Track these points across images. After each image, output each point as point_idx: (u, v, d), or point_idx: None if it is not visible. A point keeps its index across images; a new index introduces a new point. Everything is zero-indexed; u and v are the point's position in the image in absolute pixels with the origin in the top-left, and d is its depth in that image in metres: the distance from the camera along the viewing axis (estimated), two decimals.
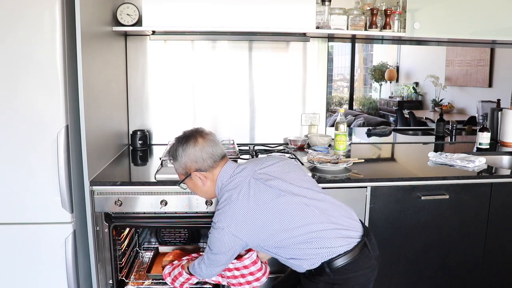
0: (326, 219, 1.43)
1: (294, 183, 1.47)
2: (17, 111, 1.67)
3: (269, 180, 1.45)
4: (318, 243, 1.40)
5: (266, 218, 1.39)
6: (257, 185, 1.43)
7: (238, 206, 1.40)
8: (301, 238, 1.40)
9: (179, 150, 1.51)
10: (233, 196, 1.41)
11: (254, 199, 1.40)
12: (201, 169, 1.50)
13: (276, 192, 1.42)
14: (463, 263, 2.07)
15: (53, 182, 1.72)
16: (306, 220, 1.41)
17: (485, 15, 2.25)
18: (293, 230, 1.40)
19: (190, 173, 1.52)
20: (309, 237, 1.40)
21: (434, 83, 5.51)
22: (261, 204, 1.40)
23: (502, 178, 2.06)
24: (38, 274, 1.79)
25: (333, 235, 1.42)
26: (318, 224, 1.41)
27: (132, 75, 2.51)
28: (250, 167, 1.50)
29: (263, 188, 1.43)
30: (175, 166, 1.55)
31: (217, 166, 1.51)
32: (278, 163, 1.53)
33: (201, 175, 1.51)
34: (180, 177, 1.56)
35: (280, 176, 1.47)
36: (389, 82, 7.09)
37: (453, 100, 5.53)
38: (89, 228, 1.83)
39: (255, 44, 2.53)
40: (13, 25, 1.62)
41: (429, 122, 4.90)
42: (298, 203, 1.42)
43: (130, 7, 2.17)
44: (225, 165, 1.52)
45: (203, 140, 1.50)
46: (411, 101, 6.56)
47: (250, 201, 1.40)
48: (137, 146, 2.45)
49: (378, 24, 2.24)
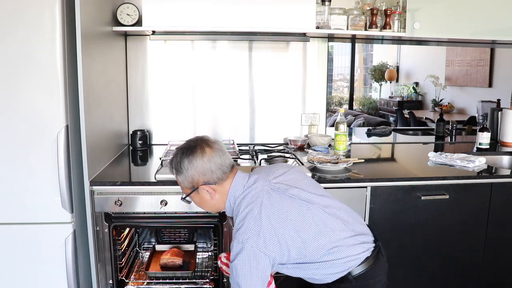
0: (345, 226, 1.39)
1: (310, 191, 1.41)
2: (17, 111, 1.67)
3: (288, 190, 1.38)
4: (342, 253, 1.35)
5: (294, 230, 1.32)
6: (278, 196, 1.36)
7: (263, 220, 1.30)
8: (327, 248, 1.34)
9: (184, 162, 1.38)
10: (254, 210, 1.31)
11: (278, 211, 1.32)
12: (210, 181, 1.38)
13: (297, 202, 1.36)
14: (463, 263, 2.07)
15: (53, 182, 1.72)
16: (329, 228, 1.36)
17: (485, 15, 2.25)
18: (319, 239, 1.34)
19: (198, 187, 1.40)
20: (334, 246, 1.35)
21: (434, 83, 5.51)
22: (286, 215, 1.33)
23: (502, 178, 2.06)
24: (38, 274, 1.79)
25: (353, 242, 1.38)
26: (340, 232, 1.37)
27: (132, 75, 2.51)
28: (263, 177, 1.42)
29: (284, 199, 1.36)
30: (179, 179, 1.42)
31: (227, 178, 1.40)
32: (290, 171, 1.47)
33: (209, 188, 1.39)
34: (185, 191, 1.44)
35: (297, 184, 1.41)
36: (389, 82, 7.09)
37: (453, 100, 5.53)
38: (89, 228, 1.83)
39: (255, 44, 2.53)
40: (13, 25, 1.62)
41: (429, 122, 4.90)
42: (319, 211, 1.37)
43: (130, 7, 2.17)
44: (235, 176, 1.42)
45: (211, 150, 1.38)
46: (411, 101, 6.56)
47: (275, 214, 1.32)
48: (137, 146, 2.45)
49: (378, 24, 2.24)
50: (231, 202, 1.41)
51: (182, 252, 2.19)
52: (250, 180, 1.41)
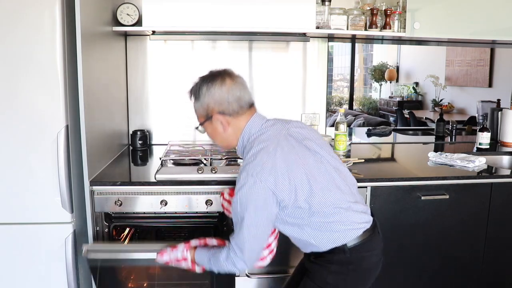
0: (351, 191, 1.40)
1: (325, 149, 1.41)
2: (17, 111, 1.67)
3: (305, 140, 1.38)
4: (345, 216, 1.34)
5: (305, 176, 1.29)
6: (295, 142, 1.35)
7: (278, 158, 1.27)
8: (333, 206, 1.32)
9: (203, 89, 1.37)
10: (270, 147, 1.29)
11: (294, 154, 1.31)
12: (225, 112, 1.37)
13: (313, 153, 1.36)
14: (463, 263, 2.07)
15: (53, 182, 1.72)
16: (338, 187, 1.36)
17: (485, 15, 2.25)
18: (327, 194, 1.32)
19: (212, 116, 1.38)
20: (339, 206, 1.34)
21: (434, 83, 5.51)
22: (301, 160, 1.30)
23: (502, 178, 2.06)
24: (38, 274, 1.79)
25: (356, 209, 1.38)
26: (346, 195, 1.37)
27: (132, 75, 2.51)
28: (281, 124, 1.42)
29: (301, 147, 1.35)
30: (196, 106, 1.42)
31: (243, 114, 1.39)
32: (307, 128, 1.46)
33: (223, 119, 1.38)
34: (200, 120, 1.43)
35: (313, 139, 1.41)
36: (389, 82, 7.09)
37: (453, 100, 5.53)
38: (89, 228, 1.83)
39: (255, 44, 2.53)
40: (13, 25, 1.62)
41: (429, 122, 4.90)
42: (331, 169, 1.37)
43: (130, 7, 2.17)
44: (254, 115, 1.41)
45: (232, 81, 1.37)
46: (411, 101, 6.56)
47: (290, 155, 1.30)
48: (137, 146, 2.45)
49: (378, 24, 2.24)
50: (245, 138, 1.39)
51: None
52: (269, 122, 1.41)
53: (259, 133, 1.37)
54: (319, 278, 1.40)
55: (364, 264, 1.40)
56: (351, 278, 1.39)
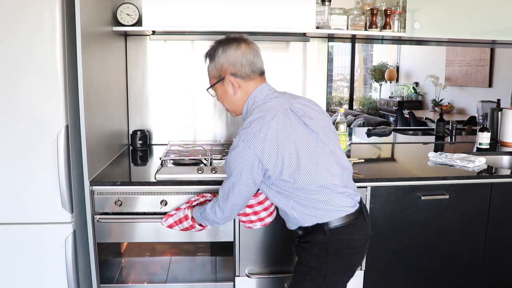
0: (341, 176, 1.44)
1: (325, 131, 1.44)
2: (17, 111, 1.67)
3: (305, 117, 1.41)
4: (329, 196, 1.38)
5: (295, 151, 1.35)
6: (293, 117, 1.40)
7: (271, 129, 1.34)
8: (317, 184, 1.37)
9: (218, 50, 1.43)
10: (267, 117, 1.35)
11: (288, 128, 1.36)
12: (237, 74, 1.43)
13: (309, 130, 1.40)
14: (463, 263, 2.07)
15: (53, 182, 1.72)
16: (327, 168, 1.40)
17: (485, 15, 2.25)
18: (314, 173, 1.36)
19: (224, 77, 1.44)
20: (325, 186, 1.38)
21: (434, 83, 5.51)
22: (293, 136, 1.36)
23: (502, 178, 2.06)
24: (38, 274, 1.79)
25: (342, 191, 1.41)
26: (334, 178, 1.40)
27: (132, 75, 2.51)
28: (286, 97, 1.47)
29: (299, 122, 1.39)
30: (209, 68, 1.48)
31: (254, 79, 1.45)
32: (314, 107, 1.49)
33: (235, 81, 1.43)
34: (212, 81, 1.49)
35: (314, 118, 1.44)
36: (389, 82, 7.09)
37: (453, 100, 5.53)
38: (89, 228, 1.83)
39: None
40: (13, 25, 1.62)
41: (429, 122, 4.90)
42: (324, 150, 1.41)
43: (130, 7, 2.17)
44: (263, 83, 1.47)
45: (247, 46, 1.44)
46: (411, 101, 6.56)
47: (285, 129, 1.35)
48: (137, 146, 2.45)
49: (378, 24, 2.24)
50: (250, 103, 1.45)
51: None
52: (275, 94, 1.46)
53: (262, 102, 1.42)
54: (304, 263, 1.46)
55: (344, 248, 1.43)
56: (332, 262, 1.41)
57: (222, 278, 2.00)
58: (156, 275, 2.08)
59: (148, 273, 2.09)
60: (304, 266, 1.46)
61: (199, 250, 2.34)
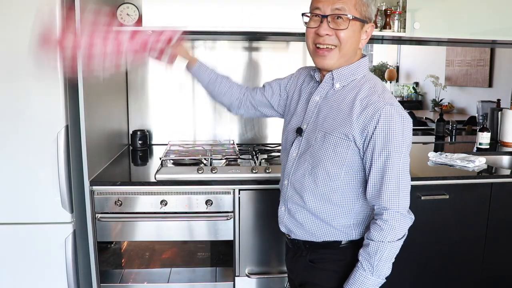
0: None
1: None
2: (17, 111, 1.68)
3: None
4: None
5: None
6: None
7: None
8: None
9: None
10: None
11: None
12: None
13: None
14: (463, 263, 2.07)
15: (53, 182, 1.72)
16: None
17: (485, 15, 2.25)
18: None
19: (368, 22, 1.18)
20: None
21: (434, 83, 5.50)
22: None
23: (502, 178, 2.06)
24: (38, 274, 1.79)
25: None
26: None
27: (132, 75, 2.51)
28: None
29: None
30: (360, 1, 1.15)
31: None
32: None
33: (371, 32, 1.19)
34: (354, 13, 1.14)
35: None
36: (389, 82, 7.09)
37: (453, 100, 5.53)
38: (89, 228, 1.83)
39: (255, 44, 2.53)
40: (13, 25, 1.62)
41: (429, 122, 4.89)
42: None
43: (130, 7, 2.16)
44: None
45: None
46: (411, 101, 6.55)
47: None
48: (137, 146, 2.45)
49: (378, 24, 2.23)
50: (364, 65, 1.23)
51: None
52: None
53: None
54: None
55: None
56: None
57: (222, 278, 2.00)
58: (156, 275, 2.08)
59: (148, 273, 2.09)
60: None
61: (199, 249, 2.34)
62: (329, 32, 1.16)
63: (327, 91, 1.24)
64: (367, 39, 1.20)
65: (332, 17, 1.14)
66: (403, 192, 1.13)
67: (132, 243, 2.17)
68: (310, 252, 1.27)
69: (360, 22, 1.15)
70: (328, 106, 1.22)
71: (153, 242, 2.39)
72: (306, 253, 1.28)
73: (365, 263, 1.15)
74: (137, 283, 2.04)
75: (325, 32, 1.16)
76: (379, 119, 1.10)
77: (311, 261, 1.27)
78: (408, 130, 1.13)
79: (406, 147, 1.12)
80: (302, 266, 1.29)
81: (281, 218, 1.32)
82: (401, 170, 1.12)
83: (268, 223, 1.90)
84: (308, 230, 1.25)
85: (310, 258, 1.27)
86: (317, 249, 1.25)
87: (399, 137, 1.10)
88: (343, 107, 1.18)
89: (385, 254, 1.16)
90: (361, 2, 1.15)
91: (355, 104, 1.15)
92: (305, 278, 1.29)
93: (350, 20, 1.13)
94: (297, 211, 1.26)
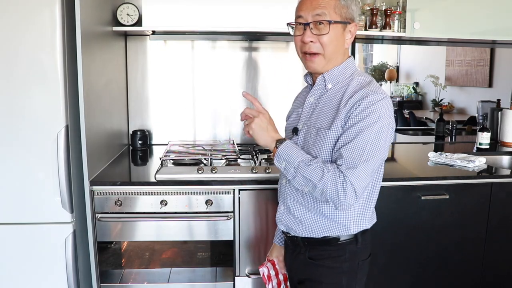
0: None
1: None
2: (17, 111, 1.67)
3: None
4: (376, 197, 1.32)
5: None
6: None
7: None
8: (380, 180, 1.32)
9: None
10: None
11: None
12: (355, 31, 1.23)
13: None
14: (463, 263, 2.07)
15: (53, 182, 1.72)
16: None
17: (485, 15, 2.25)
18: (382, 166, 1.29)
19: (350, 23, 1.21)
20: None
21: (434, 83, 5.50)
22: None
23: (502, 178, 2.06)
24: (38, 274, 1.79)
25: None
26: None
27: (132, 75, 2.51)
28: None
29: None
30: (339, 4, 1.18)
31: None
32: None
33: (355, 30, 1.22)
34: (333, 18, 1.18)
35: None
36: (389, 82, 7.08)
37: (453, 100, 5.53)
38: (89, 228, 1.83)
39: (255, 44, 2.53)
40: (13, 25, 1.62)
41: (429, 122, 4.89)
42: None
43: (130, 7, 2.17)
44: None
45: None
46: (411, 101, 6.55)
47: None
48: (137, 146, 2.45)
49: (378, 24, 2.24)
50: (351, 64, 1.28)
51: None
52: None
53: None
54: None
55: (368, 256, 1.33)
56: (360, 277, 1.29)
57: (222, 278, 2.00)
58: (156, 275, 2.08)
59: (148, 273, 2.09)
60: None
61: (199, 249, 2.34)
62: (312, 39, 1.20)
63: (321, 92, 1.30)
64: (352, 38, 1.24)
65: (314, 24, 1.19)
66: (364, 168, 1.13)
67: (132, 243, 2.17)
68: (309, 249, 1.29)
69: (341, 24, 1.20)
70: (321, 104, 1.28)
71: (153, 242, 2.39)
72: (305, 250, 1.29)
73: (293, 159, 1.17)
74: (137, 283, 2.04)
75: (309, 39, 1.20)
76: (360, 104, 1.15)
77: (310, 258, 1.29)
78: (387, 115, 1.17)
79: (380, 128, 1.15)
80: (301, 263, 1.31)
81: (280, 216, 1.35)
82: (370, 147, 1.14)
83: (268, 223, 1.90)
84: (307, 226, 1.26)
85: (309, 255, 1.29)
86: (316, 245, 1.27)
87: (375, 117, 1.14)
88: (333, 103, 1.24)
89: (302, 172, 1.15)
90: (340, 5, 1.19)
91: (344, 98, 1.20)
92: (304, 275, 1.31)
93: (331, 24, 1.18)
94: (296, 208, 1.28)
